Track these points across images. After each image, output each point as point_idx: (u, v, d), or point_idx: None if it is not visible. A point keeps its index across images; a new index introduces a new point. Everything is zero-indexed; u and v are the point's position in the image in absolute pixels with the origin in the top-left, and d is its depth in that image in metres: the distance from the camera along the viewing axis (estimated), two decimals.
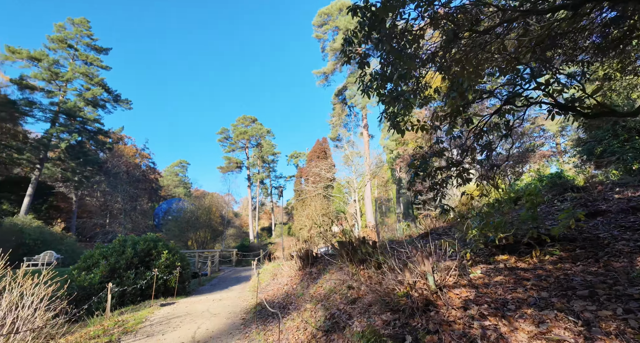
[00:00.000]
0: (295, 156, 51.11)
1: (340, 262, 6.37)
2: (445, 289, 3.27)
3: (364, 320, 4.03)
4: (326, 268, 7.78)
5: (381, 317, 3.81)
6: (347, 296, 4.96)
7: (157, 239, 10.38)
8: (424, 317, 3.01)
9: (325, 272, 7.28)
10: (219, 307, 7.89)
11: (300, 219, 28.87)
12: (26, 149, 29.42)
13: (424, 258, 3.35)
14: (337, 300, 5.05)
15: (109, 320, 6.36)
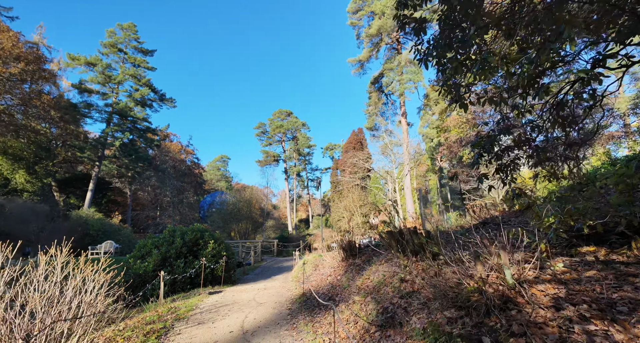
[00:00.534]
0: (331, 148, 50.79)
1: (389, 253, 5.98)
2: (525, 285, 2.78)
3: (423, 316, 3.65)
4: (371, 259, 7.44)
5: (444, 314, 3.41)
6: (400, 289, 4.59)
7: (203, 230, 10.65)
8: (503, 317, 2.57)
9: (371, 264, 6.93)
10: (265, 296, 7.88)
11: (337, 211, 28.65)
12: (87, 147, 32.02)
13: (499, 250, 2.89)
14: (389, 293, 4.70)
15: (162, 306, 6.56)
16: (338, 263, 8.97)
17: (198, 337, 4.75)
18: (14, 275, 3.95)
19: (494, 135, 3.56)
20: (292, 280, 10.56)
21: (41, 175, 29.56)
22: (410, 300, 4.23)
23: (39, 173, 29.23)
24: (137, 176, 37.94)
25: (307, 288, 8.18)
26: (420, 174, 40.76)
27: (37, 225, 22.72)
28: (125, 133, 33.80)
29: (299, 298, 7.18)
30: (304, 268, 9.08)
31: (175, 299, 7.66)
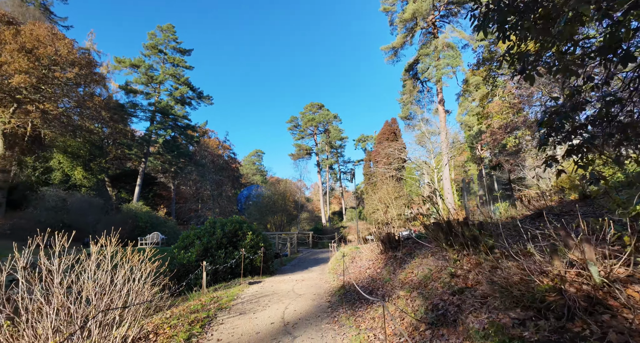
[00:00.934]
0: (363, 140, 49.90)
1: (435, 246, 5.57)
2: (617, 284, 2.32)
3: (481, 316, 3.27)
4: (413, 252, 7.04)
5: (508, 314, 3.01)
6: (451, 285, 4.21)
7: (242, 221, 10.80)
8: (593, 322, 2.15)
9: (414, 257, 6.55)
10: (303, 287, 7.79)
11: (371, 203, 28.14)
12: (134, 145, 34.11)
13: (582, 242, 2.44)
14: (438, 289, 4.33)
15: (205, 296, 6.68)
16: (377, 255, 8.65)
17: (240, 328, 4.71)
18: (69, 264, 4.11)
19: (565, 112, 3.04)
20: (329, 272, 10.41)
21: (96, 171, 31.97)
22: (463, 297, 3.84)
23: (94, 169, 31.62)
24: (179, 171, 39.90)
25: (345, 280, 7.98)
26: (459, 164, 38.86)
27: (93, 218, 24.64)
28: (167, 130, 35.51)
29: (338, 290, 6.99)
30: (343, 261, 8.85)
31: (217, 288, 7.80)
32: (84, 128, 30.34)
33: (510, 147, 20.67)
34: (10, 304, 3.76)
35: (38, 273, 4.10)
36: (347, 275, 8.84)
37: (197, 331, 4.44)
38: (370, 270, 7.79)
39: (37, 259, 4.13)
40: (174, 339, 4.07)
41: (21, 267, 3.97)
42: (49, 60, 25.26)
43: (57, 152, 29.16)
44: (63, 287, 4.09)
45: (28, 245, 4.15)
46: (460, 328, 3.34)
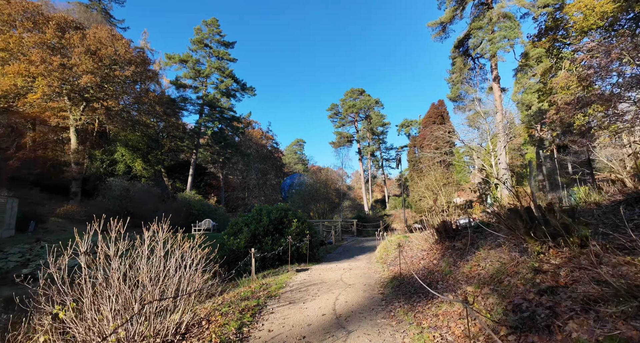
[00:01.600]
0: (406, 125, 47.75)
1: (509, 235, 4.81)
2: None
3: (588, 324, 2.59)
4: (476, 242, 6.29)
5: (632, 324, 2.32)
6: (535, 282, 3.51)
7: (286, 209, 10.67)
8: None
9: (477, 248, 5.81)
10: (352, 276, 7.41)
11: (417, 190, 26.86)
12: (185, 137, 36.01)
13: None
14: (518, 286, 3.65)
15: (254, 282, 6.60)
16: (431, 245, 7.97)
17: (291, 318, 4.46)
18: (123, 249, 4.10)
19: None
20: (377, 261, 9.93)
21: (153, 163, 34.37)
22: (555, 298, 3.14)
23: (152, 161, 34.01)
24: (227, 161, 41.53)
25: (396, 271, 7.45)
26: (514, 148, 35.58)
27: (153, 205, 26.54)
28: (214, 122, 36.90)
29: (390, 282, 6.50)
30: (399, 251, 8.30)
31: (266, 275, 7.73)
32: (141, 122, 32.57)
33: (579, 125, 18.18)
34: (73, 288, 3.83)
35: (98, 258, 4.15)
36: (397, 265, 8.30)
37: (247, 320, 4.26)
38: (425, 261, 7.16)
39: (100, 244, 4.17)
40: (226, 328, 3.91)
41: (82, 252, 4.02)
42: (109, 60, 27.20)
43: (119, 146, 31.74)
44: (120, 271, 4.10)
45: (95, 231, 4.21)
46: (558, 337, 2.69)
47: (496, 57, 20.78)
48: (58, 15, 28.00)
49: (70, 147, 27.76)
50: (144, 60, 31.54)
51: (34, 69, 23.34)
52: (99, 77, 26.60)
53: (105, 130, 32.79)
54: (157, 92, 35.61)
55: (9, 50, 23.86)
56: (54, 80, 24.25)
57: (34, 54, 23.57)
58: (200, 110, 36.44)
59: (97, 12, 39.53)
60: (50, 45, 25.28)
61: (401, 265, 8.05)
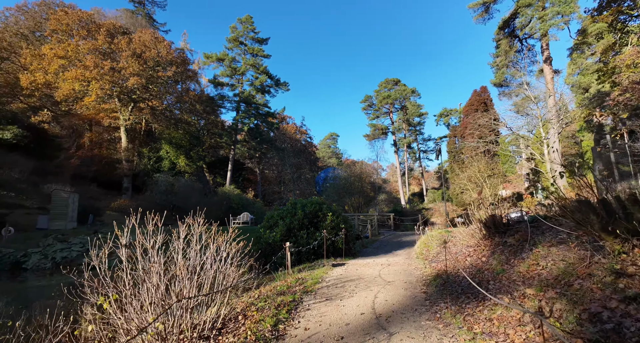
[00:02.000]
0: (445, 114, 45.35)
1: (579, 231, 4.16)
2: None
3: None
4: (532, 238, 5.62)
5: None
6: (618, 288, 2.93)
7: (321, 202, 10.48)
8: None
9: (536, 244, 5.17)
10: (391, 273, 7.03)
11: (458, 182, 25.40)
12: (223, 134, 37.26)
13: None
14: (594, 291, 3.09)
15: (290, 276, 6.48)
16: (477, 241, 7.32)
17: (328, 316, 4.23)
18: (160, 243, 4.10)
19: None
20: (418, 257, 9.41)
21: (195, 159, 36.02)
22: None
23: (193, 157, 35.65)
24: (263, 156, 42.41)
25: (440, 268, 6.95)
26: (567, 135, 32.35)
27: (195, 200, 27.82)
28: (250, 118, 37.73)
29: (433, 279, 6.04)
30: (442, 247, 7.78)
31: (302, 269, 7.60)
32: (183, 120, 34.18)
33: None
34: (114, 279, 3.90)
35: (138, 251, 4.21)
36: (439, 262, 7.77)
37: (283, 316, 4.10)
38: (472, 258, 6.58)
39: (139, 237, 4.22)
40: (261, 324, 3.78)
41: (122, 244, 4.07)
42: (153, 62, 28.71)
43: (164, 143, 33.62)
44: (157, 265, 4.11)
45: (142, 224, 4.25)
46: None
47: (547, 36, 18.77)
48: (108, 22, 30.04)
49: (121, 145, 29.89)
50: (184, 60, 32.93)
51: (88, 73, 25.27)
52: (144, 78, 28.22)
53: (151, 129, 34.90)
54: (197, 91, 37.16)
55: (68, 58, 26.03)
56: (106, 83, 26.10)
57: (88, 60, 25.51)
58: (236, 107, 37.42)
59: (141, 17, 41.94)
60: (102, 50, 27.21)
61: (444, 261, 7.51)
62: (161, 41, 30.52)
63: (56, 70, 25.69)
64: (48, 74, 26.06)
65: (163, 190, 27.73)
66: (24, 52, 27.61)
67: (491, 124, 21.51)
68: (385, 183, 58.17)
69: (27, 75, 25.99)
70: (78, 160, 29.34)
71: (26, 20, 32.90)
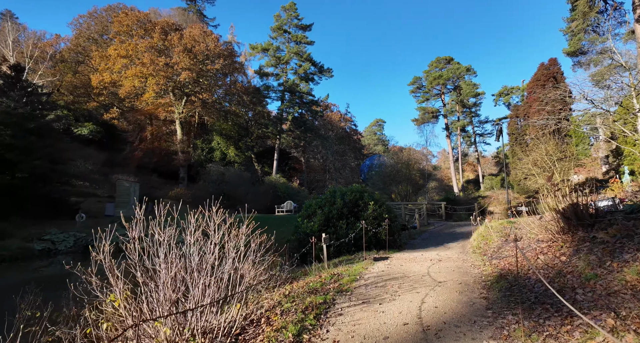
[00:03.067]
0: (505, 93, 40.67)
1: None
2: None
3: None
4: (635, 234, 4.26)
5: None
6: None
7: (362, 190, 9.66)
8: None
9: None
10: (442, 270, 6.05)
11: (521, 167, 22.50)
12: (269, 124, 37.72)
13: None
14: None
15: (325, 271, 5.87)
16: (553, 235, 5.96)
17: (363, 324, 3.51)
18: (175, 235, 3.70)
19: None
20: (474, 251, 8.19)
21: (243, 149, 37.15)
22: None
23: (242, 148, 36.78)
24: (307, 145, 42.30)
25: (503, 266, 5.79)
26: None
27: (244, 189, 28.64)
28: (294, 107, 37.63)
29: (495, 281, 4.97)
30: (512, 240, 6.60)
31: (339, 263, 6.96)
32: (232, 112, 35.21)
33: None
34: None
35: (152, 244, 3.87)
36: (501, 258, 6.58)
37: (309, 323, 3.48)
38: (546, 257, 5.33)
39: None
40: (282, 333, 3.19)
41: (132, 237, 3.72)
42: (202, 56, 29.70)
43: (215, 135, 35.09)
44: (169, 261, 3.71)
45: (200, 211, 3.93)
46: None
47: None
48: (162, 20, 31.69)
49: (176, 138, 31.77)
50: (231, 52, 33.63)
51: (146, 70, 26.95)
52: (194, 72, 29.40)
53: (203, 122, 36.64)
54: (244, 82, 37.97)
55: (129, 57, 28.01)
56: (161, 78, 27.66)
57: (145, 57, 27.17)
58: (281, 96, 37.49)
59: (192, 14, 43.71)
60: (157, 47, 28.80)
61: (509, 258, 6.29)
62: (209, 35, 31.40)
63: (119, 69, 27.84)
64: (113, 74, 28.38)
65: (214, 180, 29.00)
66: (94, 54, 30.39)
67: (565, 98, 18.34)
68: (436, 170, 54.75)
69: (96, 76, 28.60)
70: (141, 153, 31.92)
71: (96, 25, 36.18)
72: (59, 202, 16.91)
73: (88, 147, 29.79)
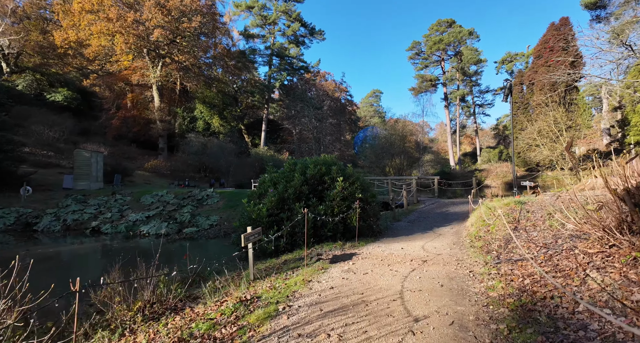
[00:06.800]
0: (509, 60, 36.98)
1: None
2: None
3: None
4: None
5: None
6: None
7: (330, 162, 7.22)
8: None
9: None
10: (424, 287, 3.80)
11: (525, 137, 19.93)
12: (255, 91, 34.43)
13: None
14: None
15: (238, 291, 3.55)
16: (610, 234, 3.61)
17: None
18: None
19: None
20: (472, 243, 5.96)
21: (229, 119, 34.12)
22: None
23: (228, 117, 33.74)
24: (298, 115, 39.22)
25: (523, 282, 3.52)
26: None
27: (226, 160, 26.18)
28: (283, 74, 34.13)
29: (516, 325, 2.69)
30: (522, 227, 4.28)
31: (279, 267, 4.71)
32: (215, 78, 31.85)
33: None
34: None
35: None
36: (522, 265, 4.35)
37: None
38: (604, 275, 3.02)
39: None
40: None
41: None
42: (177, 12, 25.88)
43: (198, 103, 31.95)
44: None
45: None
46: None
47: None
48: None
49: (154, 105, 28.73)
50: (211, 9, 29.59)
51: (112, 26, 23.42)
52: (169, 30, 25.81)
53: (186, 89, 33.33)
54: (229, 46, 34.12)
55: (95, 12, 24.28)
56: (130, 37, 24.16)
57: (111, 12, 23.51)
58: (269, 61, 33.90)
59: None
60: (125, 1, 25.02)
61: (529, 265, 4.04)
62: None
63: (85, 26, 24.24)
64: (80, 32, 24.80)
65: (194, 151, 26.47)
66: (57, 9, 26.53)
67: (575, 61, 15.32)
68: (433, 142, 52.01)
69: (60, 33, 25.03)
70: (118, 121, 29.06)
71: None
72: (4, 173, 14.54)
73: (62, 114, 26.94)
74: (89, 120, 29.58)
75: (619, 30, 16.02)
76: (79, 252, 10.52)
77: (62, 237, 12.28)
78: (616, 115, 30.11)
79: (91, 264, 9.22)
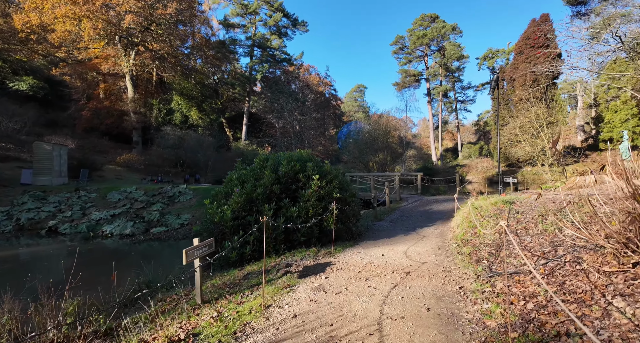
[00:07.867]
0: (491, 56, 37.02)
1: None
2: None
3: None
4: None
5: None
6: None
7: (306, 158, 6.43)
8: None
9: None
10: (407, 312, 3.10)
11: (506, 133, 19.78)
12: (236, 83, 32.95)
13: None
14: None
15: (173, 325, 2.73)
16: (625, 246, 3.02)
17: None
18: None
19: None
20: (459, 249, 5.35)
21: (208, 112, 32.50)
22: None
23: (207, 110, 32.12)
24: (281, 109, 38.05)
25: (525, 306, 2.88)
26: None
27: (204, 155, 24.86)
28: (264, 65, 32.78)
29: None
30: (513, 230, 3.56)
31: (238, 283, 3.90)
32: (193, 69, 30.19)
33: None
34: None
35: None
36: (519, 281, 3.75)
37: None
38: (631, 305, 2.39)
39: None
40: None
41: None
42: None
43: (175, 94, 30.21)
44: None
45: None
46: None
47: None
48: None
49: (127, 95, 26.88)
50: None
51: (78, 9, 21.48)
52: (142, 17, 24.01)
53: (163, 80, 31.45)
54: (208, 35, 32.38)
55: None
56: (98, 21, 22.29)
57: None
58: (250, 52, 32.46)
59: None
60: None
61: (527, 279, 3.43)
62: None
63: (49, 9, 22.13)
64: (43, 15, 22.65)
65: (171, 145, 24.98)
66: None
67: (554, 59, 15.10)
68: (416, 138, 52.06)
69: (20, 15, 22.79)
70: (89, 113, 27.03)
71: None
72: None
73: (27, 104, 24.77)
74: (57, 111, 27.38)
75: (599, 27, 15.90)
76: (20, 258, 9.26)
77: (14, 237, 10.98)
78: (590, 112, 30.76)
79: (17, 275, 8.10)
